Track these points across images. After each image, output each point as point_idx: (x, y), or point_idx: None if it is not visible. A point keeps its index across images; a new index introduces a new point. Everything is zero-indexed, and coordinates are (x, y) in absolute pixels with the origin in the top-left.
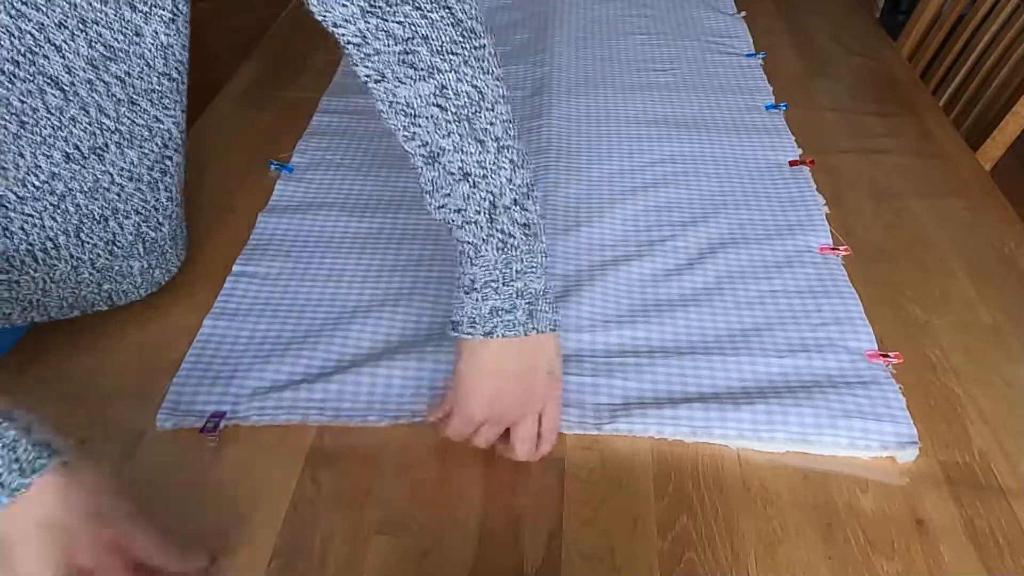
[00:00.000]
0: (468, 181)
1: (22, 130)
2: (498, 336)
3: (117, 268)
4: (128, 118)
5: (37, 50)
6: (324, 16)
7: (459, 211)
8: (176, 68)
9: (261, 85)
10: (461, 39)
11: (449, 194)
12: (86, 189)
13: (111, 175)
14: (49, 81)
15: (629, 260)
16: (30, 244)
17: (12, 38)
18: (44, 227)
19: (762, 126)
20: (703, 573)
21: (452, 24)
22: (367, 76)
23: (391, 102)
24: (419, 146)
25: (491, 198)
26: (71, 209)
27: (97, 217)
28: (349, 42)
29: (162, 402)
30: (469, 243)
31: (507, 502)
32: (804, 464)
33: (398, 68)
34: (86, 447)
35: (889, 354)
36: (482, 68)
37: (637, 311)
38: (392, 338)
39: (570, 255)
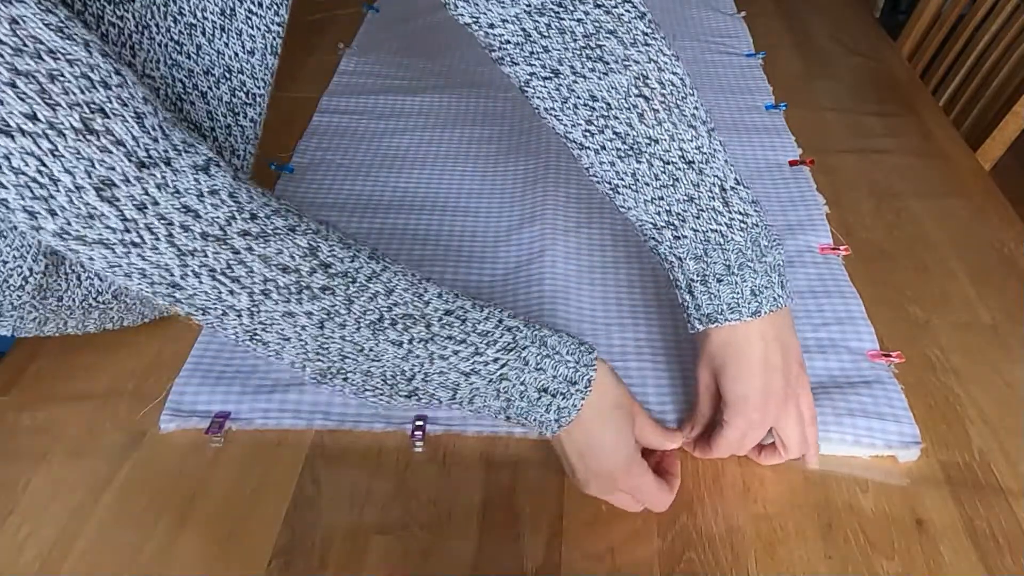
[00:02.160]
0: (693, 168)
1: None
2: (764, 313)
3: None
4: (243, 153)
5: (185, 97)
6: (477, 18)
7: (690, 199)
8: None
9: None
10: (650, 30)
11: (671, 184)
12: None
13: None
14: (192, 126)
15: (629, 260)
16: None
17: (167, 87)
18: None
19: (762, 126)
20: (703, 573)
21: (638, 16)
22: (530, 74)
23: (566, 98)
24: (612, 138)
25: (719, 181)
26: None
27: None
28: (508, 41)
29: (164, 403)
30: (713, 231)
31: (507, 502)
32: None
33: (580, 63)
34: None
35: (891, 354)
36: (674, 55)
37: (639, 310)
38: None
39: (571, 256)
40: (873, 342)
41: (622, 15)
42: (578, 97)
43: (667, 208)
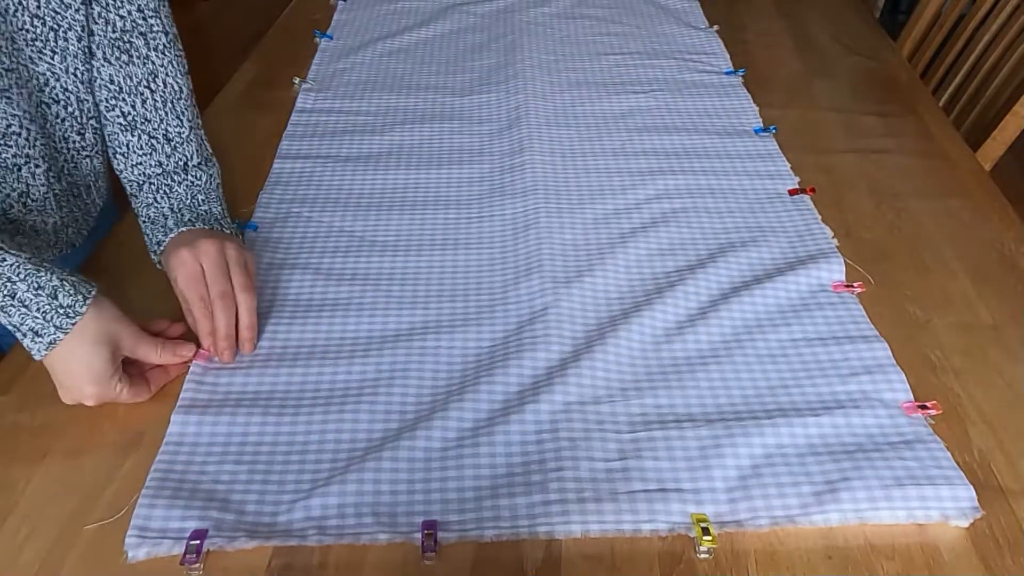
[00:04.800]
0: (170, 144)
1: None
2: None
3: (31, 223)
4: (30, 59)
5: None
6: None
7: (159, 165)
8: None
9: (261, 85)
10: (171, 44)
11: (150, 153)
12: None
13: (19, 118)
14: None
15: (640, 313)
16: None
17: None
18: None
19: (755, 152)
20: (703, 573)
21: (163, 32)
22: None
23: (94, 78)
24: (118, 116)
25: (185, 158)
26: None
27: (10, 166)
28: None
29: (129, 523)
30: (173, 184)
31: None
32: None
33: (110, 51)
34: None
35: (927, 405)
36: (183, 67)
37: (655, 374)
38: (391, 424)
39: (576, 312)
40: (907, 392)
41: (152, 25)
42: (102, 79)
43: (144, 171)
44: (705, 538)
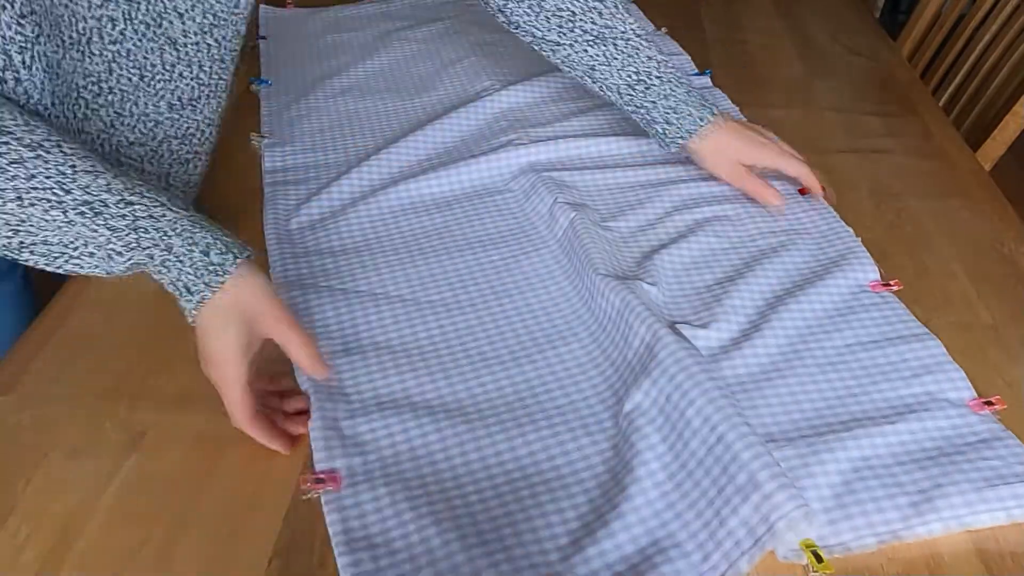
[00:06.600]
0: (643, 40)
1: (141, 82)
2: (716, 111)
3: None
4: (217, 74)
5: (165, 15)
6: None
7: (650, 59)
8: (244, 32)
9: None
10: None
11: (634, 53)
12: (179, 135)
13: (199, 124)
14: (169, 41)
15: (693, 333)
16: None
17: (148, 4)
18: (144, 171)
19: None
20: None
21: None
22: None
23: (538, 12)
24: (582, 33)
25: (655, 46)
26: (165, 154)
27: (183, 160)
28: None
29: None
30: (669, 74)
31: None
32: None
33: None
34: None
35: (992, 400)
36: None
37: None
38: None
39: (624, 331)
40: (969, 389)
41: None
42: (547, 10)
43: (635, 70)
44: (819, 564)
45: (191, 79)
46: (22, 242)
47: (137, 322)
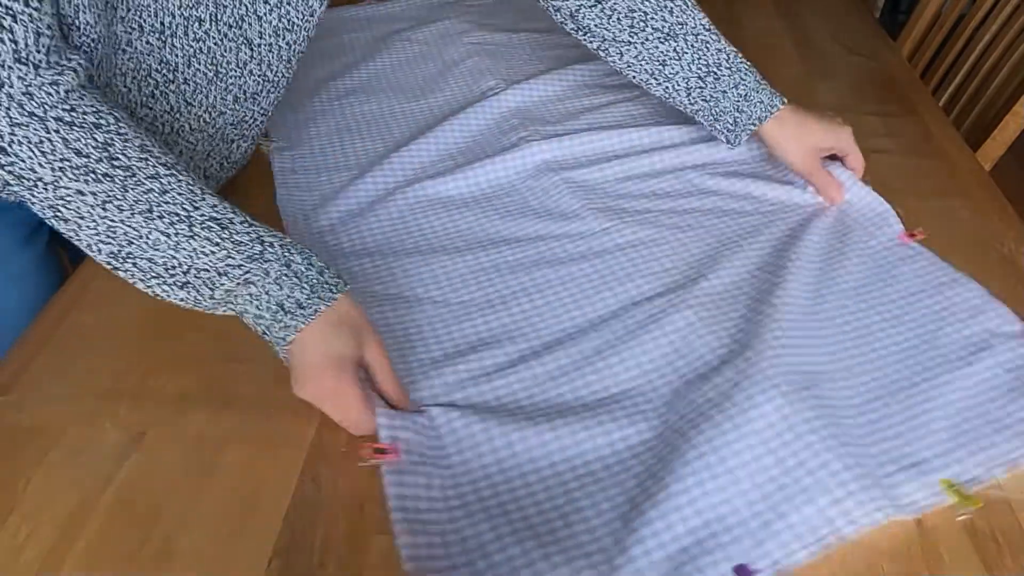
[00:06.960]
0: (712, 33)
1: (215, 77)
2: (781, 96)
3: (224, 178)
4: (281, 72)
5: (246, 18)
6: None
7: (720, 51)
8: (313, 35)
9: None
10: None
11: (704, 46)
12: (236, 123)
13: (255, 114)
14: (245, 41)
15: (775, 313)
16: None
17: (233, 7)
18: (195, 147)
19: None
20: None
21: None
22: (577, 5)
23: (609, 15)
24: (652, 32)
25: (722, 37)
26: (221, 143)
27: (229, 140)
28: None
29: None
30: (740, 64)
31: None
32: None
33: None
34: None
35: None
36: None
37: (819, 365)
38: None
39: (716, 330)
40: (1016, 320)
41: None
42: (619, 12)
43: (705, 62)
44: (965, 500)
45: (259, 76)
46: (130, 253)
47: (137, 322)
